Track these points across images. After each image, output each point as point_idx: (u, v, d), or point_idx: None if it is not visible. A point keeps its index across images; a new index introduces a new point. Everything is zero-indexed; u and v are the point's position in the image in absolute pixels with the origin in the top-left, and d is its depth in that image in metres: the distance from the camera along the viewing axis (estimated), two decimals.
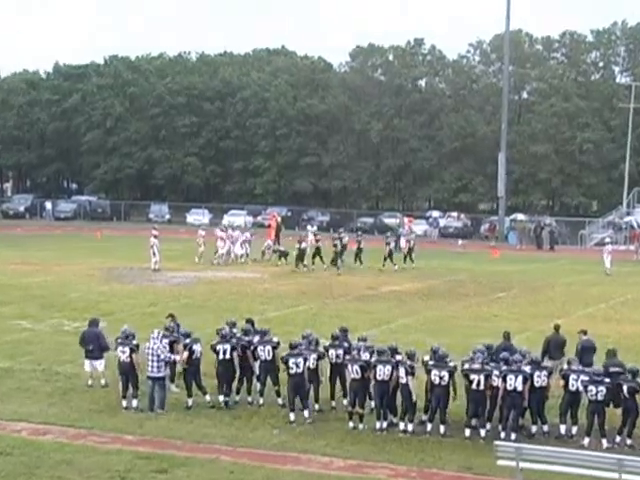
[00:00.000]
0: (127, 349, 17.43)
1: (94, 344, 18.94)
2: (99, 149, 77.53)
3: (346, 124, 73.39)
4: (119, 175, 77.71)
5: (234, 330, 18.28)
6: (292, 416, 16.72)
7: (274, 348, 17.51)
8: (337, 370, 17.51)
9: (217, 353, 17.62)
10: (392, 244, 39.77)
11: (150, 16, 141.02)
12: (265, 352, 17.48)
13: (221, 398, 17.61)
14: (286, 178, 74.85)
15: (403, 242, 42.16)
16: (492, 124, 67.20)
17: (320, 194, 74.60)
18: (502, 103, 61.42)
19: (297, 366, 16.81)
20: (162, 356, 17.25)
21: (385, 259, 39.36)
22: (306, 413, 16.85)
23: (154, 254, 37.55)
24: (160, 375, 17.30)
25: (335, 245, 39.04)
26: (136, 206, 72.88)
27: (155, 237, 37.80)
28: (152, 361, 17.22)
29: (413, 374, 16.25)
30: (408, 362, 16.31)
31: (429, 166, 71.43)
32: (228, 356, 17.53)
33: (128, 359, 17.39)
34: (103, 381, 18.88)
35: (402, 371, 16.21)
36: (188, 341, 17.63)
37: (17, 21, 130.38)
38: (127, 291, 32.04)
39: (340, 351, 17.47)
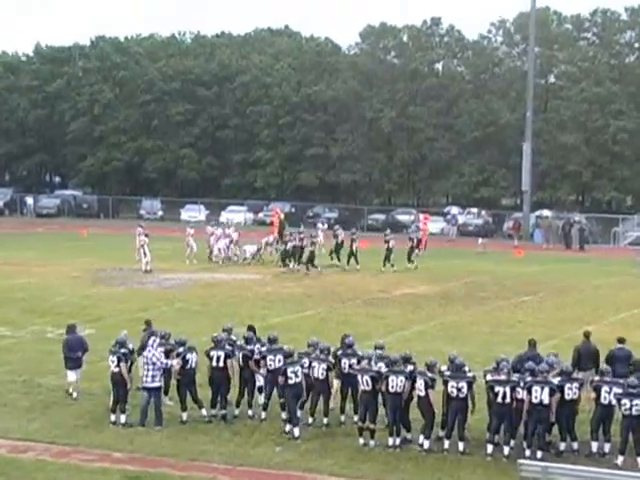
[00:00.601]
0: (115, 358, 17.44)
1: (82, 352, 18.96)
2: (85, 139, 77.62)
3: (356, 112, 73.33)
4: (107, 168, 77.70)
5: (232, 337, 18.29)
6: (296, 431, 16.72)
7: (285, 357, 17.51)
8: (349, 381, 17.46)
9: (210, 359, 17.67)
10: (392, 242, 39.71)
11: None
12: (276, 361, 17.47)
13: (213, 412, 17.63)
14: (290, 171, 74.89)
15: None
16: (516, 111, 67.09)
17: (327, 189, 74.57)
18: (527, 88, 61.27)
19: (296, 375, 16.86)
20: (157, 364, 17.26)
21: (391, 259, 39.41)
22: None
23: (144, 254, 37.63)
24: (155, 385, 17.31)
25: (313, 243, 39.11)
26: (126, 201, 72.79)
27: (146, 235, 37.89)
28: (147, 370, 17.26)
29: (433, 387, 16.21)
30: (428, 374, 16.28)
31: (447, 158, 71.30)
32: (222, 364, 17.55)
33: (117, 369, 17.39)
34: (75, 394, 18.80)
35: (421, 383, 16.18)
36: (181, 350, 17.64)
37: None
38: (116, 294, 32.09)
39: (354, 360, 17.46)
